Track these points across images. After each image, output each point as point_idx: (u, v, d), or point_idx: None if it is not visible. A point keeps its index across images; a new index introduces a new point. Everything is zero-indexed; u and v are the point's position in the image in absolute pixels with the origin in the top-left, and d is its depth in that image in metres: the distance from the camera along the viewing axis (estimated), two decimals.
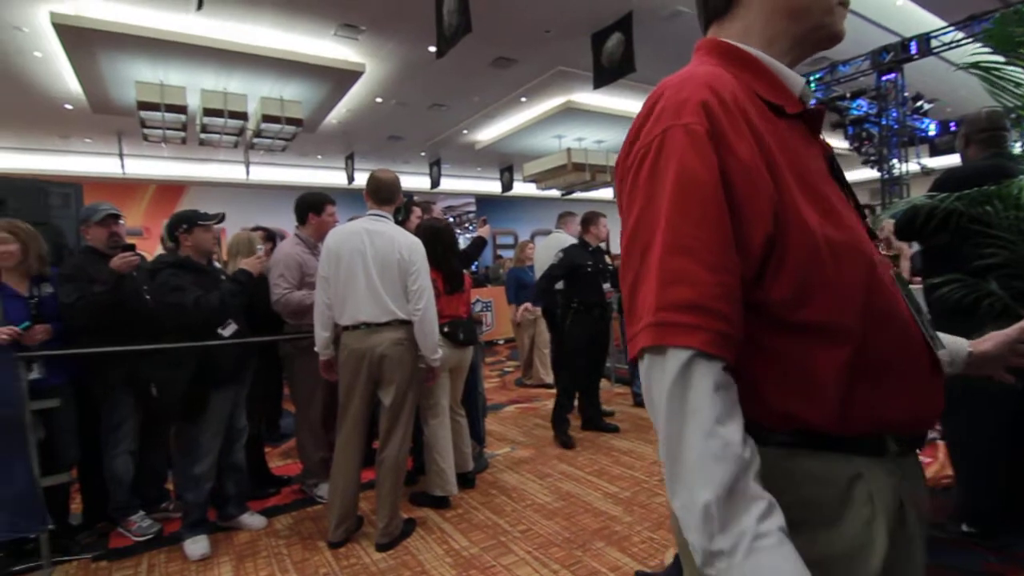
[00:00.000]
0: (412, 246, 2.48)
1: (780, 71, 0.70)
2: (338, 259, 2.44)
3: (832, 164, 0.72)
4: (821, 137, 0.74)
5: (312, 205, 3.02)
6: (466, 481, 3.08)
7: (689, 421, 0.53)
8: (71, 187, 2.82)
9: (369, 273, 2.41)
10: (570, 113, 9.73)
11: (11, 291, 2.37)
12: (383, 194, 2.57)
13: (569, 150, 10.05)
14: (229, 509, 2.67)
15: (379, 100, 8.98)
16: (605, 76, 6.97)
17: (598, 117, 9.99)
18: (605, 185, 11.04)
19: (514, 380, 6.12)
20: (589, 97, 9.12)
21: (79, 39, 6.18)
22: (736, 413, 0.55)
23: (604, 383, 4.69)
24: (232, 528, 2.67)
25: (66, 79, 7.53)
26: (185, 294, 2.40)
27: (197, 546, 2.43)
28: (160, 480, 2.91)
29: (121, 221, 2.61)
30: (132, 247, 2.49)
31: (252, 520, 2.70)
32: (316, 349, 2.53)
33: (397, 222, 3.28)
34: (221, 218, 2.64)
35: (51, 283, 2.48)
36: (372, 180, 2.59)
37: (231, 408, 2.59)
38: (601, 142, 11.66)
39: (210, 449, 2.49)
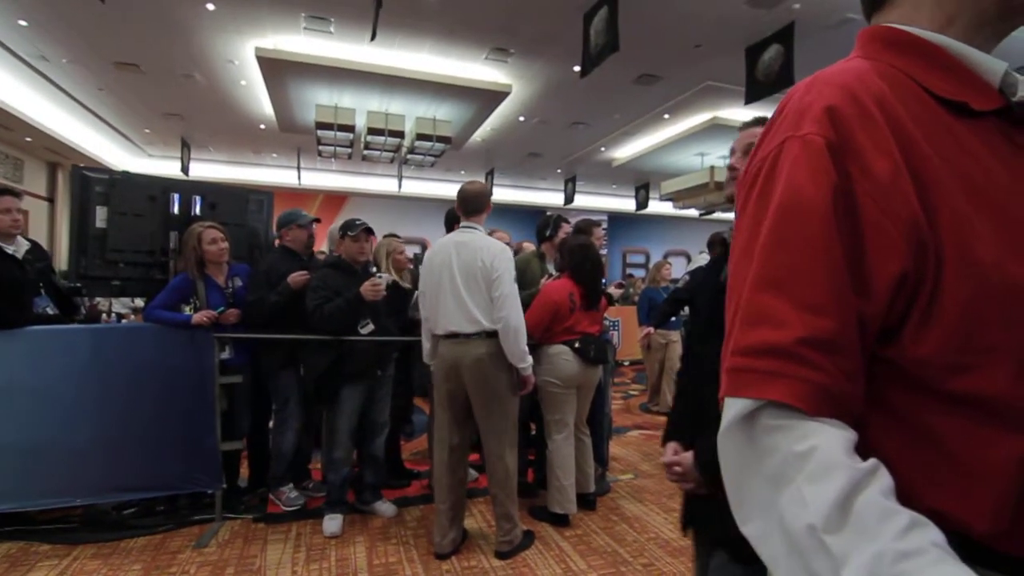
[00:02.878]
0: (496, 254, 2.44)
1: (967, 56, 0.53)
2: (429, 273, 2.51)
3: None
4: None
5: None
6: (587, 502, 3.02)
7: (782, 487, 0.44)
8: (265, 195, 3.28)
9: (455, 284, 2.43)
10: (716, 130, 9.28)
11: (214, 282, 2.80)
12: (470, 206, 2.57)
13: (712, 168, 9.58)
14: (366, 495, 2.90)
15: (522, 119, 9.30)
16: (759, 90, 6.57)
17: None
18: None
19: (639, 404, 5.92)
20: (737, 113, 8.63)
21: (275, 69, 7.19)
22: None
23: None
24: (367, 512, 2.89)
25: (262, 103, 8.79)
26: (313, 295, 2.67)
27: (332, 524, 2.68)
28: (306, 460, 3.23)
29: (315, 226, 3.03)
30: (317, 220, 2.88)
31: (385, 508, 2.90)
32: (424, 359, 2.64)
33: (544, 237, 3.38)
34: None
35: (240, 276, 2.89)
36: (460, 193, 2.61)
37: (363, 402, 2.78)
38: None
39: (344, 436, 2.71)
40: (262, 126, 9.96)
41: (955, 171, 0.48)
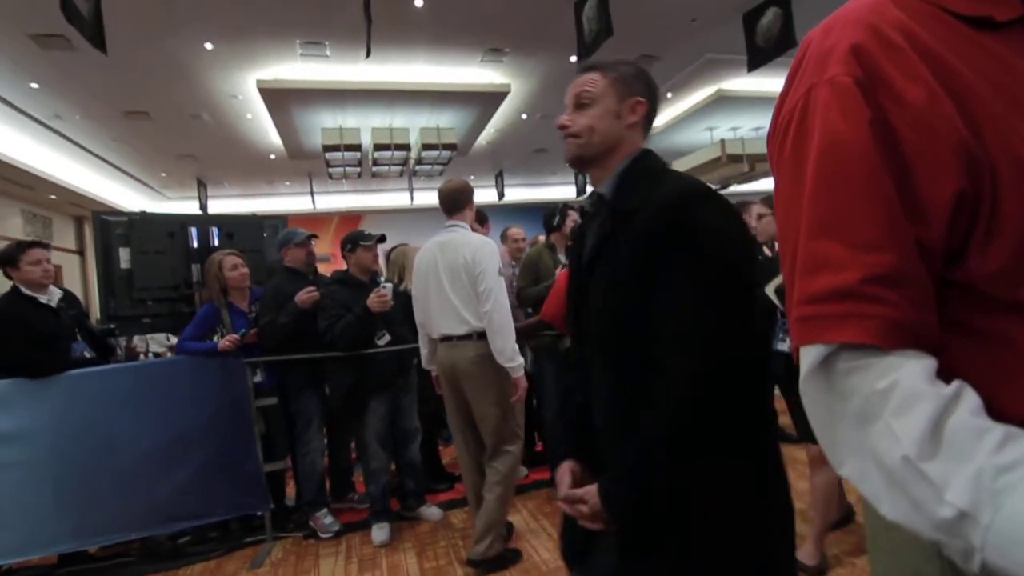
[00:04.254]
0: (477, 248, 2.33)
1: None
2: (419, 277, 2.45)
3: None
4: None
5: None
6: None
7: (870, 427, 0.45)
8: (279, 219, 3.35)
9: (441, 284, 2.35)
10: (722, 102, 9.12)
11: (237, 308, 2.86)
12: (449, 204, 2.48)
13: (723, 141, 9.42)
14: (410, 502, 2.92)
15: (524, 116, 9.29)
16: (760, 56, 6.41)
17: (754, 102, 9.22)
18: (766, 175, 10.12)
19: None
20: (742, 82, 8.47)
21: (278, 99, 7.33)
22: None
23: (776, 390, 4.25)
24: (414, 518, 2.91)
25: (269, 134, 8.96)
26: (324, 315, 2.67)
27: (380, 533, 2.70)
28: (347, 474, 3.26)
29: (313, 242, 3.03)
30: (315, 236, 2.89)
31: (430, 512, 2.91)
32: (423, 365, 2.57)
33: (552, 227, 3.35)
34: (381, 239, 2.89)
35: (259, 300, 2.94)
36: (439, 193, 2.53)
37: (390, 411, 2.78)
38: (759, 129, 10.73)
39: (376, 447, 2.71)
40: (272, 156, 10.15)
41: (991, 83, 0.48)
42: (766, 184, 11.95)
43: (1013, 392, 0.46)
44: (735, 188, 12.14)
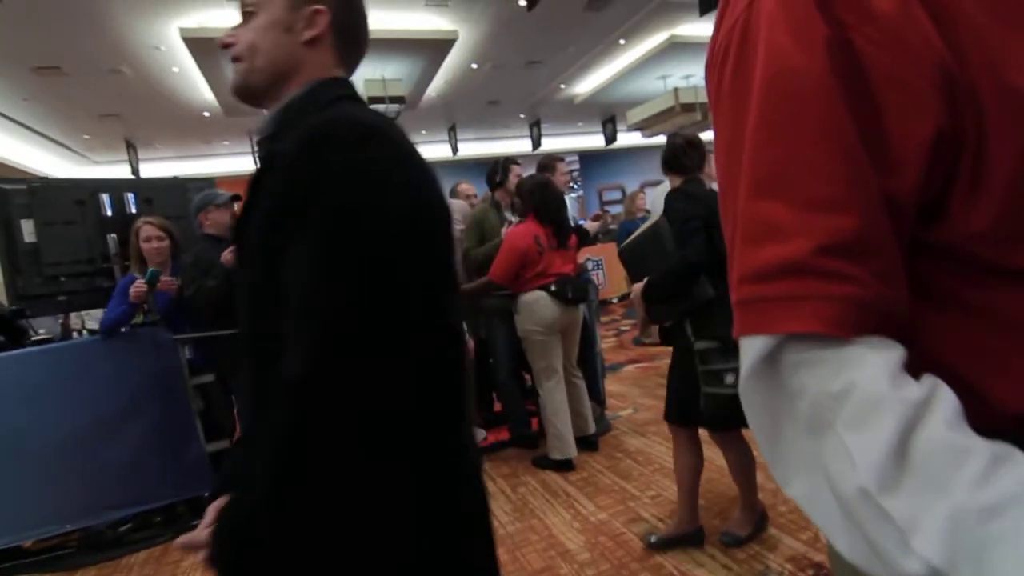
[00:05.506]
0: None
1: None
2: None
3: None
4: None
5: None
6: (588, 444, 3.00)
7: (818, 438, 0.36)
8: (205, 182, 3.08)
9: None
10: (675, 49, 8.95)
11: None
12: None
13: (676, 90, 9.32)
14: None
15: (475, 66, 8.91)
16: (712, 1, 6.27)
17: (706, 49, 9.11)
18: None
19: (631, 339, 5.91)
20: (696, 27, 8.31)
21: (205, 49, 6.75)
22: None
23: None
24: None
25: (201, 89, 8.33)
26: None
27: None
28: None
29: (236, 206, 2.80)
30: (239, 197, 2.66)
31: None
32: None
33: (495, 184, 3.21)
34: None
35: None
36: None
37: None
38: None
39: None
40: (206, 113, 9.48)
41: None
42: None
43: (1010, 380, 0.38)
44: None
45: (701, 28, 8.31)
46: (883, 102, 0.36)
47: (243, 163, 11.84)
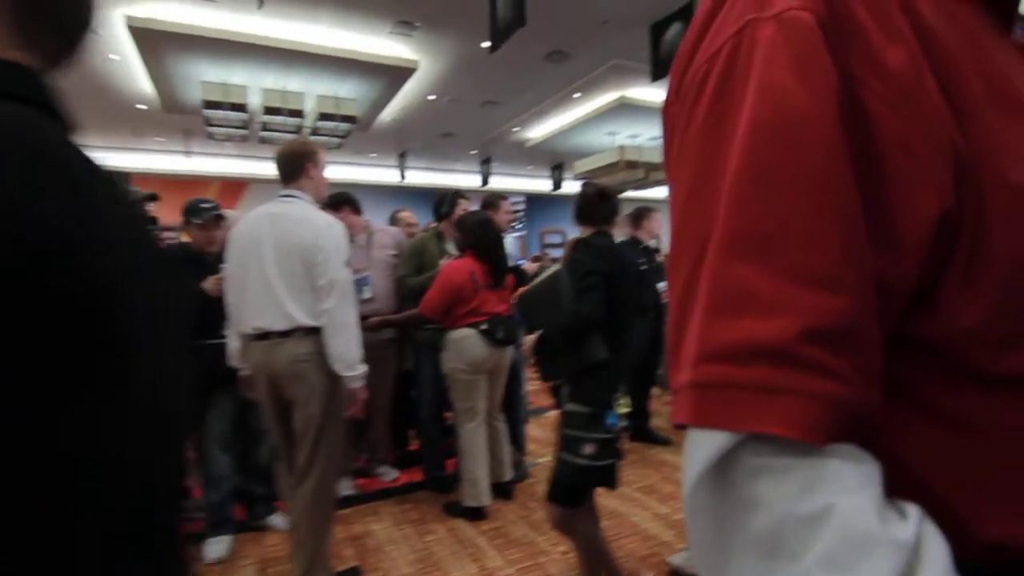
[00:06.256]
0: (320, 230, 1.93)
1: None
2: (235, 252, 1.99)
3: None
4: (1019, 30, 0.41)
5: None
6: (503, 491, 2.90)
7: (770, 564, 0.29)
8: (119, 175, 2.84)
9: (264, 268, 1.90)
10: (624, 109, 9.42)
11: None
12: (282, 169, 2.06)
13: (622, 147, 9.75)
14: (257, 509, 2.61)
15: (432, 97, 8.96)
16: (663, 68, 6.65)
17: (653, 113, 9.62)
18: (659, 183, 10.65)
19: None
20: (645, 92, 8.80)
21: (151, 41, 6.43)
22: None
23: (655, 390, 4.41)
24: (261, 528, 2.61)
25: (140, 81, 7.89)
26: None
27: (217, 547, 2.37)
28: (181, 478, 2.84)
29: (152, 206, 2.60)
30: (155, 196, 2.46)
31: (280, 521, 2.62)
32: (231, 362, 2.12)
33: (441, 215, 3.16)
34: (219, 218, 2.47)
35: None
36: (276, 155, 2.13)
37: (238, 408, 2.42)
38: (656, 138, 11.25)
39: (217, 449, 2.38)
40: (142, 106, 8.96)
41: (975, 66, 0.34)
42: (659, 192, 12.58)
43: (989, 504, 0.33)
44: (630, 193, 12.66)
45: (651, 93, 8.79)
46: (889, 170, 0.32)
47: (175, 162, 11.26)
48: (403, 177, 12.28)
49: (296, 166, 2.05)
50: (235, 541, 2.44)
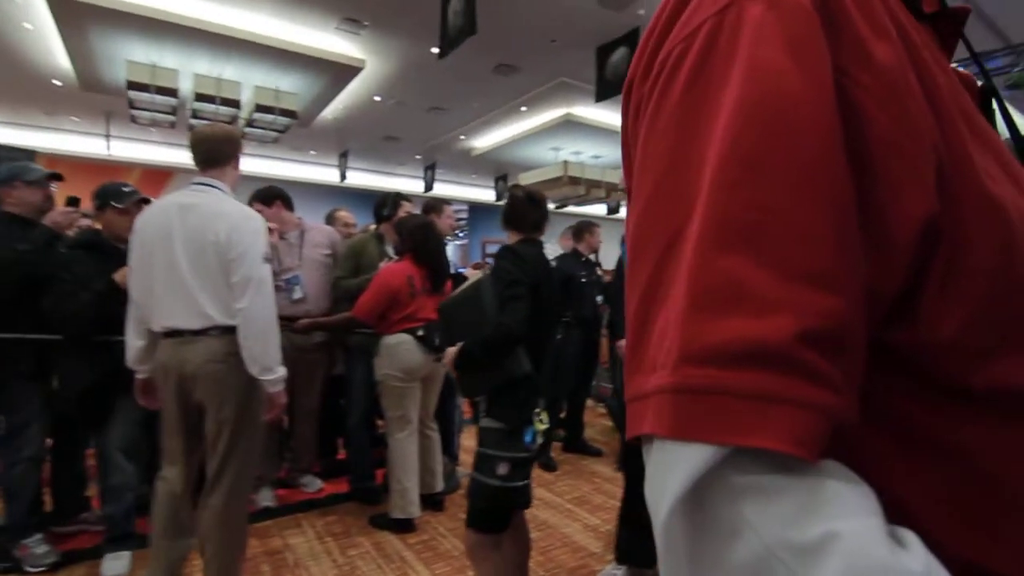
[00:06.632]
0: (236, 224, 1.79)
1: None
2: (140, 245, 1.83)
3: (983, 102, 0.42)
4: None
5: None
6: (433, 503, 2.83)
7: None
8: (22, 153, 2.58)
9: (174, 261, 1.76)
10: (569, 126, 9.63)
11: None
12: (203, 153, 1.89)
13: (566, 163, 9.92)
14: None
15: (377, 99, 8.81)
16: (608, 90, 6.85)
17: (597, 132, 9.89)
18: (599, 200, 10.94)
19: None
20: (589, 111, 9.03)
21: (71, 13, 5.96)
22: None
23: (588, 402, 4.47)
24: None
25: (56, 54, 7.28)
26: (55, 289, 2.09)
27: (115, 564, 2.15)
28: (80, 487, 2.59)
29: (55, 187, 2.36)
30: (77, 200, 2.24)
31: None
32: (128, 363, 1.92)
33: (382, 217, 3.07)
34: (144, 201, 2.30)
35: None
36: (191, 136, 1.93)
37: (144, 416, 2.21)
38: (598, 157, 11.56)
39: (119, 458, 2.18)
40: (57, 82, 8.25)
41: (946, 80, 0.34)
42: (598, 209, 12.90)
43: (950, 520, 0.31)
44: (571, 208, 12.92)
45: (594, 112, 9.03)
46: (878, 168, 0.30)
47: (93, 145, 10.44)
48: (343, 178, 11.95)
49: (222, 152, 1.92)
50: (136, 557, 2.23)
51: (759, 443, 0.26)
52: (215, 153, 1.91)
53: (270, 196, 2.93)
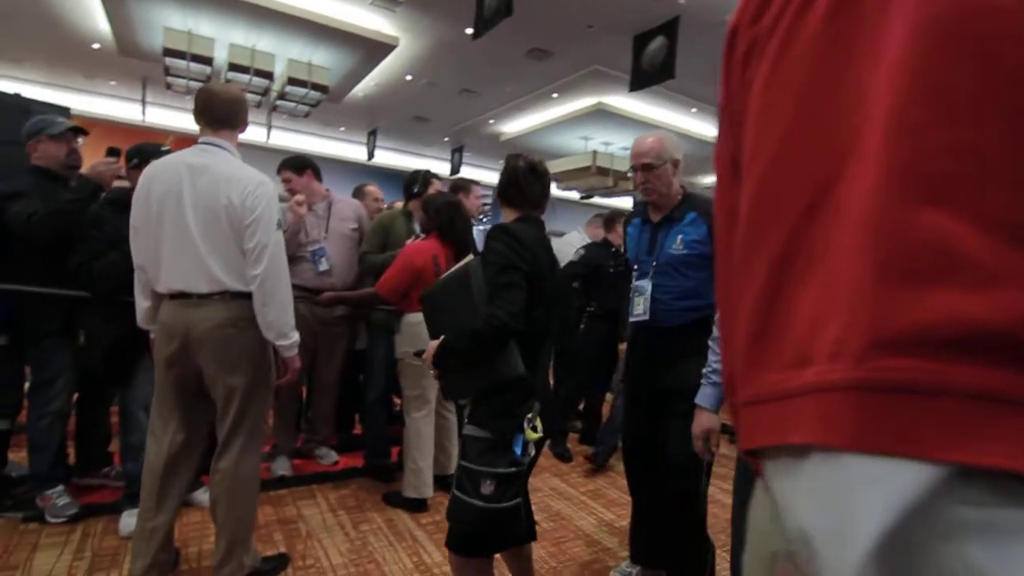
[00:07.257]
0: (249, 190, 1.74)
1: None
2: (146, 203, 1.77)
3: None
4: None
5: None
6: (447, 484, 2.82)
7: None
8: (56, 109, 2.59)
9: (185, 225, 1.72)
10: (600, 115, 9.46)
11: None
12: (218, 112, 1.83)
13: (595, 152, 9.81)
14: None
15: (409, 78, 8.75)
16: (643, 80, 6.70)
17: (628, 123, 9.71)
18: (626, 192, 10.79)
19: None
20: (622, 101, 8.85)
21: None
22: None
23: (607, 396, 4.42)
24: (184, 503, 2.43)
25: (96, 18, 7.36)
26: (81, 248, 2.11)
27: (133, 521, 2.18)
28: (105, 442, 2.65)
29: (81, 140, 2.36)
30: (117, 152, 2.26)
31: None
32: (139, 323, 1.91)
33: (411, 194, 3.03)
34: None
35: None
36: (202, 93, 1.86)
37: None
38: (627, 148, 11.36)
39: (142, 416, 2.18)
40: (96, 45, 8.36)
41: None
42: (625, 201, 12.72)
43: None
44: (597, 199, 12.77)
45: (627, 103, 8.86)
46: None
47: (127, 109, 10.58)
48: (371, 157, 11.96)
49: (234, 113, 1.86)
50: None
51: (995, 462, 0.19)
52: (227, 113, 1.85)
53: (301, 165, 2.92)
